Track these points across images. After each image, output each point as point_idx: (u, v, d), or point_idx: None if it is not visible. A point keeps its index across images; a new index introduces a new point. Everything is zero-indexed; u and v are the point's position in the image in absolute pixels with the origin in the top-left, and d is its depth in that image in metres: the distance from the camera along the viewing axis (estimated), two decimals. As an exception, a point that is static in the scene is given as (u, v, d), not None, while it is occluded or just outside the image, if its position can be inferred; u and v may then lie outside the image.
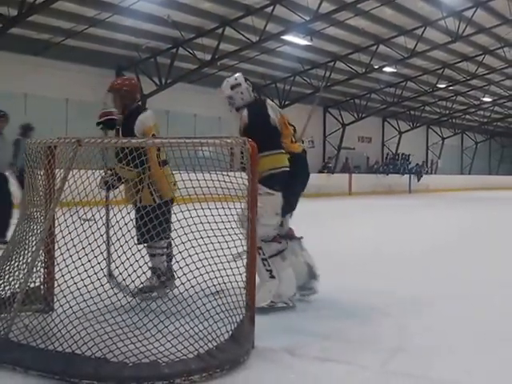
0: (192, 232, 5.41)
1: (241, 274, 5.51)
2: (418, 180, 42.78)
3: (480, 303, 7.49)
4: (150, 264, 6.36)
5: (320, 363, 4.98)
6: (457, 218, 20.80)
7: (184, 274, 5.52)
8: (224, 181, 5.45)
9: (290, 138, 6.85)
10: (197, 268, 5.44)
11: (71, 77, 25.21)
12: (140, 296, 6.04)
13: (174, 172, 6.48)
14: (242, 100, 6.85)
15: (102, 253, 5.54)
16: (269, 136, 6.52)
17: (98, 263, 5.23)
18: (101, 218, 5.70)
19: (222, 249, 5.52)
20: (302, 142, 7.59)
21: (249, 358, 4.90)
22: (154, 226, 5.68)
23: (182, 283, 5.61)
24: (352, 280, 8.29)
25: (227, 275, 5.71)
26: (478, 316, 6.73)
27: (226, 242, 5.54)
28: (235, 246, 5.56)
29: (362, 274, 8.86)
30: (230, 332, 5.10)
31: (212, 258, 5.46)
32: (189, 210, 5.48)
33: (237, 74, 7.33)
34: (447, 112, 48.62)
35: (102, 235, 5.70)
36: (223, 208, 5.54)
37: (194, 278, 5.47)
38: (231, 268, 5.72)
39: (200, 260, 5.38)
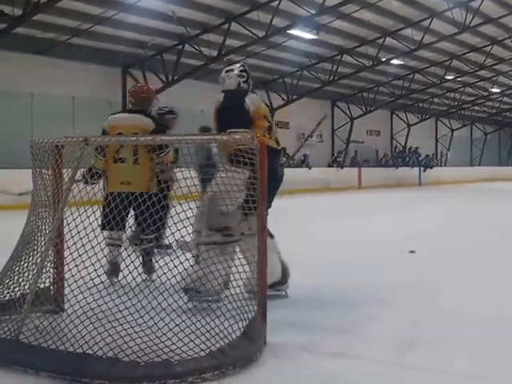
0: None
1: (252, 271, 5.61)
2: (424, 171, 42.73)
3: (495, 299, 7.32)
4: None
5: (333, 359, 4.95)
6: (470, 211, 20.84)
7: (194, 272, 5.64)
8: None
9: (264, 131, 6.72)
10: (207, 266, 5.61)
11: (77, 75, 25.28)
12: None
13: (182, 169, 6.51)
14: (228, 85, 7.03)
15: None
16: (238, 120, 6.55)
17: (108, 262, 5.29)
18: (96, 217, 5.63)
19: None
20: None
21: (261, 355, 4.88)
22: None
23: (193, 281, 5.70)
24: (363, 276, 8.26)
25: (238, 272, 5.83)
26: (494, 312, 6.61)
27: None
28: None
29: (374, 270, 8.82)
30: (242, 329, 5.06)
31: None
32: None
33: (241, 63, 7.59)
34: (456, 103, 48.66)
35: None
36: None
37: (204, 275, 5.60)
38: (242, 265, 5.85)
39: (210, 257, 5.56)
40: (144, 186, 7.18)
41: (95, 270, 5.20)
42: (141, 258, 6.78)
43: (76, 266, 5.28)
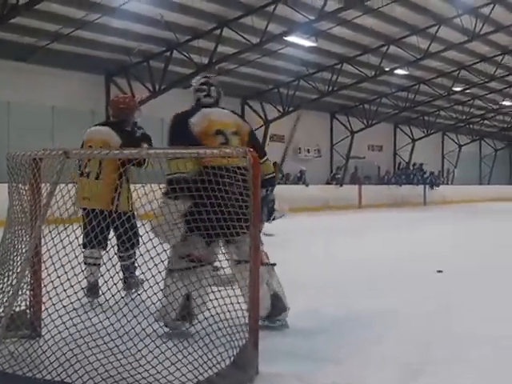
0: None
1: (244, 296, 5.57)
2: (431, 189, 43.03)
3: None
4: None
5: None
6: (478, 231, 21.06)
7: (182, 296, 5.73)
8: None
9: None
10: (196, 289, 5.72)
11: (57, 83, 25.38)
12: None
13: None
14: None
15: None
16: (178, 140, 6.45)
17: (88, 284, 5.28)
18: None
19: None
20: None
21: None
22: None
23: (179, 305, 5.78)
24: (361, 302, 8.28)
25: (229, 296, 5.70)
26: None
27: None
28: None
29: (371, 296, 8.84)
30: (232, 357, 5.06)
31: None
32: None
33: (202, 74, 7.50)
34: (464, 117, 48.84)
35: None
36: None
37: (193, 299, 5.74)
38: (233, 289, 5.77)
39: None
40: (104, 202, 7.23)
41: (75, 292, 5.26)
42: (121, 274, 6.92)
43: (54, 288, 5.27)
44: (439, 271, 11.04)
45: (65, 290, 5.23)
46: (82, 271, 5.47)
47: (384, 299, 8.45)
